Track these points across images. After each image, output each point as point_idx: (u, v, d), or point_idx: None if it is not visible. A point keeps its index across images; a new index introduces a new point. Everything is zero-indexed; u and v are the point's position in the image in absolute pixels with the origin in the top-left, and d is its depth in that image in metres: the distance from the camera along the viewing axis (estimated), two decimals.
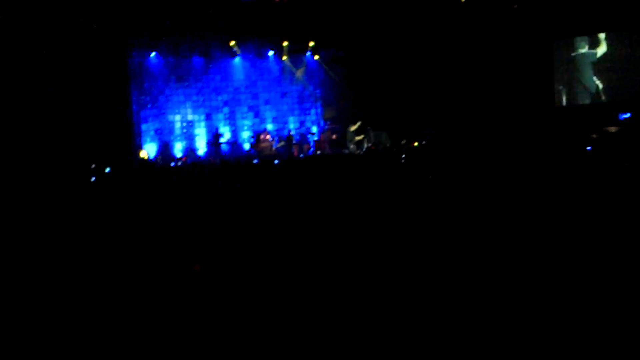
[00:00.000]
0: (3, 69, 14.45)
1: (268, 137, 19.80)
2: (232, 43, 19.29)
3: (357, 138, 19.81)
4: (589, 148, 11.78)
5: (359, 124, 19.75)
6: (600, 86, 18.88)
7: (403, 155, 12.33)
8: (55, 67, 15.32)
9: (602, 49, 18.90)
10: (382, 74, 19.37)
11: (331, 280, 3.32)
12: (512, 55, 18.91)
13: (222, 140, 19.20)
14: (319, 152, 19.95)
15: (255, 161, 16.57)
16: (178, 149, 19.38)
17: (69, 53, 15.69)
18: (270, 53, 20.47)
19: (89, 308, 2.71)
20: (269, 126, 20.62)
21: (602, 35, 18.79)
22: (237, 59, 20.21)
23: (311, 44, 20.40)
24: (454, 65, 19.32)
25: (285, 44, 20.00)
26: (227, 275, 3.04)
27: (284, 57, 20.63)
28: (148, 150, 18.74)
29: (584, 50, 19.16)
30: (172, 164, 17.59)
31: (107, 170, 14.07)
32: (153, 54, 18.78)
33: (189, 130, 19.75)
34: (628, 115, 17.46)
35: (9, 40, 14.47)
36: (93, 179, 10.34)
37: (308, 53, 20.96)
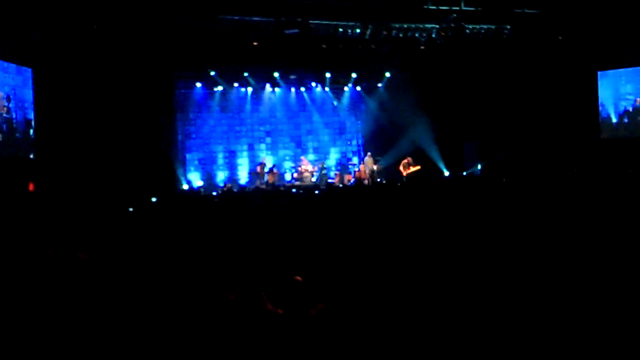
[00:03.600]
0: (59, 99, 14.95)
1: (309, 167, 19.83)
2: (276, 74, 19.50)
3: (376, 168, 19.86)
4: None
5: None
6: None
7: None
8: (104, 98, 15.79)
9: None
10: (425, 105, 19.23)
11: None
12: (557, 87, 18.54)
13: (265, 170, 19.38)
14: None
15: (294, 191, 16.72)
16: (220, 179, 19.68)
17: (119, 85, 16.19)
18: (313, 84, 20.64)
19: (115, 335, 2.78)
20: (310, 156, 20.68)
21: None
22: (280, 90, 20.44)
23: (353, 75, 20.43)
24: (500, 97, 19.06)
25: (327, 75, 20.09)
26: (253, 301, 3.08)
27: (326, 88, 20.77)
28: (192, 179, 19.09)
29: None
30: (215, 192, 17.84)
31: (154, 199, 14.34)
32: (199, 85, 19.19)
33: (232, 160, 20.06)
34: None
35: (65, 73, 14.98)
36: (131, 209, 10.59)
37: (350, 84, 21.01)
